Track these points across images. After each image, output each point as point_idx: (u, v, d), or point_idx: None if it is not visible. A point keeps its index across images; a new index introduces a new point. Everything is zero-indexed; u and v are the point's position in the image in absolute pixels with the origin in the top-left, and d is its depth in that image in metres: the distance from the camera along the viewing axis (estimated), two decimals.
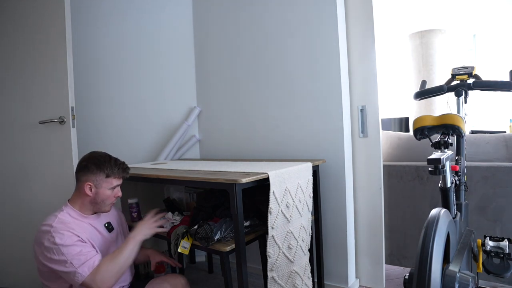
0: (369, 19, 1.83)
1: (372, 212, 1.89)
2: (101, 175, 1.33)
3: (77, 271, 1.16)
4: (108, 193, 1.35)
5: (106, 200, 1.35)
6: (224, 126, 2.36)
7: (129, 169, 1.43)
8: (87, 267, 1.17)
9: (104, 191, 1.34)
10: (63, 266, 1.16)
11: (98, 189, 1.32)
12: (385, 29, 5.48)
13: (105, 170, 1.33)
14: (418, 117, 1.39)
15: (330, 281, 1.91)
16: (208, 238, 1.41)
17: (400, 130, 4.49)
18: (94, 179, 1.32)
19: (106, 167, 1.34)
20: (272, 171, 1.39)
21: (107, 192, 1.34)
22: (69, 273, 1.16)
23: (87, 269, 1.17)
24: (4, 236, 1.98)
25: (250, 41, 2.18)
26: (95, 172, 1.32)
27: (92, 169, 1.32)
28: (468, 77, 1.60)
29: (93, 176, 1.32)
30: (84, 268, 1.17)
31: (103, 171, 1.33)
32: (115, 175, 1.36)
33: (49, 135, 1.87)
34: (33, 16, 1.89)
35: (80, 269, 1.16)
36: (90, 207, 1.35)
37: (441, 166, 1.18)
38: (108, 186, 1.34)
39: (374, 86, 1.85)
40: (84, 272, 1.16)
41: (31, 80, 1.91)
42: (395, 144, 2.31)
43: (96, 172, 1.32)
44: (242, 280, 1.31)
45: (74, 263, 1.16)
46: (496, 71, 5.13)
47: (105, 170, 1.33)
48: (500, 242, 1.36)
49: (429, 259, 0.98)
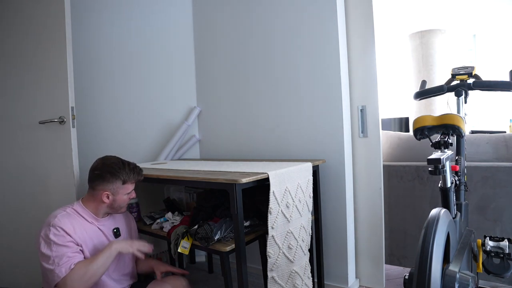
0: (369, 19, 1.83)
1: (372, 212, 1.89)
2: (118, 183, 1.33)
3: (55, 270, 1.17)
4: (125, 198, 1.37)
5: (122, 203, 1.37)
6: (224, 126, 2.36)
7: (142, 171, 1.44)
8: (65, 269, 1.18)
9: (121, 197, 1.35)
10: (47, 262, 1.18)
11: (115, 196, 1.34)
12: (385, 29, 5.48)
13: (121, 177, 1.34)
14: (418, 117, 1.39)
15: (330, 281, 1.91)
16: (208, 238, 1.41)
17: (400, 130, 4.49)
18: (111, 187, 1.33)
19: (122, 174, 1.34)
20: (272, 171, 1.39)
21: (124, 197, 1.36)
22: (49, 270, 1.17)
23: (64, 271, 1.18)
24: (4, 236, 1.98)
25: (250, 41, 2.18)
26: (111, 181, 1.32)
27: (108, 178, 1.32)
28: (468, 77, 1.60)
29: (110, 185, 1.32)
30: (62, 269, 1.17)
31: (120, 179, 1.34)
32: (131, 181, 1.37)
33: (49, 135, 1.87)
34: (33, 16, 1.89)
35: (57, 269, 1.17)
36: (105, 211, 1.37)
37: (441, 166, 1.18)
38: (125, 192, 1.36)
39: (374, 86, 1.85)
40: (60, 273, 1.17)
41: (31, 80, 1.91)
42: (395, 144, 2.31)
43: (113, 181, 1.33)
44: (242, 280, 1.31)
45: (55, 262, 1.17)
46: (496, 71, 5.13)
47: (121, 177, 1.34)
48: (500, 242, 1.36)
49: (429, 259, 0.98)
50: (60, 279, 1.16)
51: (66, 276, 1.17)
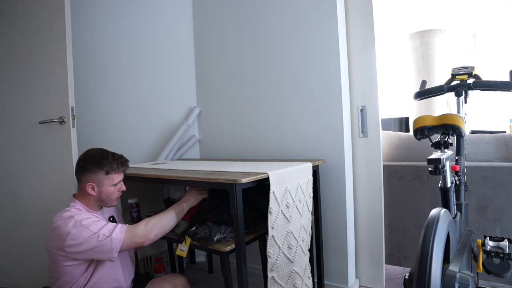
0: (369, 19, 1.83)
1: (372, 212, 1.89)
2: (101, 173, 1.32)
3: (112, 236, 1.18)
4: (112, 189, 1.35)
5: (111, 196, 1.35)
6: (224, 126, 2.36)
7: (128, 161, 1.42)
8: (119, 230, 1.20)
9: (107, 188, 1.33)
10: (96, 241, 1.17)
11: (100, 187, 1.32)
12: (385, 29, 5.48)
13: (104, 168, 1.32)
14: (418, 117, 1.39)
15: (330, 281, 1.91)
16: (207, 238, 1.40)
17: (400, 130, 4.48)
18: (95, 178, 1.31)
19: (105, 164, 1.32)
20: (272, 171, 1.39)
21: (110, 189, 1.34)
22: (103, 244, 1.17)
23: (119, 232, 1.20)
24: (4, 236, 1.98)
25: (250, 41, 2.18)
26: (94, 171, 1.31)
27: (91, 169, 1.31)
28: (468, 77, 1.60)
29: (94, 176, 1.31)
30: (117, 232, 1.20)
31: (103, 169, 1.32)
32: (115, 171, 1.35)
33: (49, 135, 1.87)
34: (33, 16, 1.89)
35: (114, 234, 1.19)
36: (97, 204, 1.36)
37: (441, 166, 1.18)
38: (110, 183, 1.34)
39: (374, 86, 1.85)
40: (117, 235, 1.19)
41: (31, 80, 1.91)
42: (395, 144, 2.31)
43: (96, 171, 1.31)
44: (242, 280, 1.31)
45: (105, 233, 1.18)
46: (496, 71, 5.12)
47: (104, 167, 1.32)
48: (500, 242, 1.36)
49: (429, 259, 0.98)
50: (122, 238, 1.19)
51: (132, 229, 1.23)
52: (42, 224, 1.32)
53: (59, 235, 1.19)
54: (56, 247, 1.20)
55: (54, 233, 1.21)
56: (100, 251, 1.18)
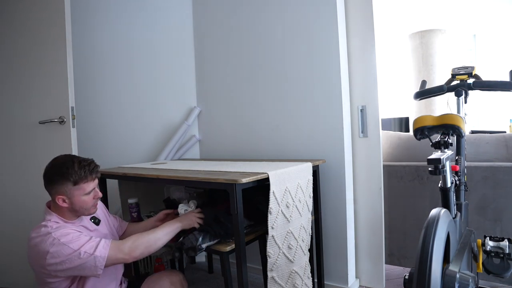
0: (369, 19, 1.83)
1: (372, 212, 1.89)
2: (69, 184, 1.19)
3: (95, 254, 1.12)
4: (84, 199, 1.22)
5: (85, 205, 1.23)
6: (224, 126, 2.36)
7: (98, 167, 1.28)
8: (102, 246, 1.14)
9: (79, 198, 1.21)
10: (77, 258, 1.10)
11: (71, 198, 1.20)
12: (385, 29, 5.48)
13: (70, 178, 1.19)
14: (418, 117, 1.39)
15: (330, 281, 1.91)
16: (194, 248, 1.35)
17: (400, 130, 4.48)
18: (64, 190, 1.19)
19: (71, 174, 1.19)
20: (272, 171, 1.39)
21: (83, 198, 1.22)
22: (86, 262, 1.11)
23: (103, 249, 1.13)
24: (4, 237, 1.98)
25: (250, 41, 2.18)
26: (61, 182, 1.19)
27: (57, 180, 1.19)
28: (468, 77, 1.60)
29: (62, 187, 1.19)
30: (100, 249, 1.13)
31: (69, 180, 1.19)
32: (83, 180, 1.21)
33: (49, 135, 1.87)
34: (33, 16, 1.89)
35: (97, 251, 1.12)
36: (73, 214, 1.26)
37: (441, 166, 1.18)
38: (82, 193, 1.21)
39: (374, 86, 1.85)
40: (101, 252, 1.12)
41: (31, 80, 1.91)
42: (395, 144, 2.31)
43: (63, 182, 1.19)
44: (242, 280, 1.31)
45: (87, 251, 1.11)
46: (496, 71, 5.12)
47: (71, 178, 1.19)
48: (500, 242, 1.37)
49: (429, 259, 0.98)
50: (106, 256, 1.12)
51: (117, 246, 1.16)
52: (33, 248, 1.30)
53: (38, 254, 1.11)
54: (37, 264, 1.14)
55: (33, 251, 1.14)
56: (84, 268, 1.12)
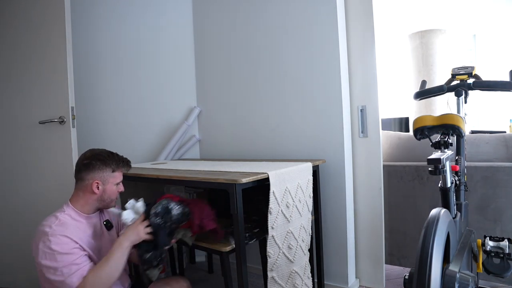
0: (369, 19, 1.83)
1: (372, 212, 1.89)
2: (108, 170, 1.31)
3: (66, 281, 1.12)
4: (114, 189, 1.34)
5: (112, 195, 1.34)
6: (224, 126, 2.36)
7: (130, 162, 1.43)
8: (76, 278, 1.13)
9: (111, 187, 1.32)
10: (53, 274, 1.13)
11: (105, 185, 1.31)
12: (385, 29, 5.48)
13: (111, 165, 1.32)
14: (418, 117, 1.39)
15: (330, 281, 1.91)
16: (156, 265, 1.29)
17: (400, 130, 4.48)
18: (101, 175, 1.30)
19: (112, 161, 1.32)
20: (272, 171, 1.39)
21: (113, 187, 1.33)
22: (57, 281, 1.13)
23: (76, 280, 1.13)
24: (4, 236, 1.99)
25: (250, 41, 2.18)
26: (101, 168, 1.30)
27: (98, 166, 1.30)
28: (468, 77, 1.60)
29: (100, 173, 1.30)
30: (73, 279, 1.13)
31: (110, 166, 1.31)
32: (120, 169, 1.35)
33: (49, 135, 1.87)
34: (34, 16, 1.89)
35: (69, 279, 1.12)
36: (95, 205, 1.33)
37: (441, 166, 1.18)
38: (115, 182, 1.33)
39: (374, 86, 1.85)
40: (72, 283, 1.12)
41: (31, 80, 1.91)
42: (395, 144, 2.31)
43: (103, 168, 1.30)
44: (242, 280, 1.31)
45: (64, 272, 1.12)
46: (496, 71, 5.13)
47: (111, 165, 1.32)
48: (500, 242, 1.37)
49: (429, 259, 0.98)
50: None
51: (81, 285, 1.13)
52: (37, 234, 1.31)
53: (36, 247, 1.17)
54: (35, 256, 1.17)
55: (34, 240, 1.19)
56: (52, 284, 1.14)
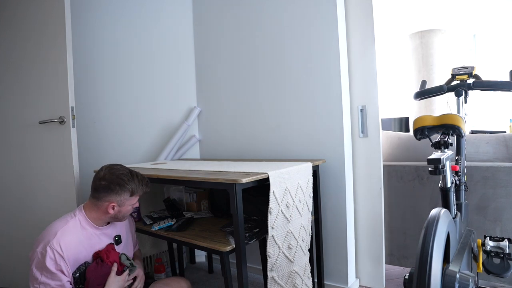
0: (369, 19, 1.83)
1: (372, 212, 1.89)
2: (126, 195, 1.29)
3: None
4: (130, 208, 1.34)
5: (126, 214, 1.35)
6: (224, 126, 2.36)
7: (149, 182, 1.41)
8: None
9: (127, 208, 1.32)
10: (33, 283, 1.13)
11: (121, 207, 1.30)
12: (385, 29, 5.48)
13: (130, 190, 1.30)
14: (418, 117, 1.39)
15: (330, 281, 1.91)
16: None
17: (400, 130, 4.48)
18: (119, 199, 1.28)
19: (131, 186, 1.30)
20: (272, 171, 1.39)
21: (129, 208, 1.34)
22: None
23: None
24: (4, 236, 1.99)
25: (250, 41, 2.18)
26: (119, 193, 1.28)
27: (116, 190, 1.27)
28: (468, 77, 1.61)
29: (118, 197, 1.28)
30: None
31: (128, 191, 1.29)
32: (139, 193, 1.34)
33: (49, 135, 1.87)
34: (33, 16, 1.89)
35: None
36: (107, 220, 1.34)
37: (441, 166, 1.18)
38: (131, 203, 1.33)
39: (374, 86, 1.85)
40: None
41: (31, 80, 1.91)
42: (395, 144, 2.31)
43: (121, 193, 1.28)
44: (242, 280, 1.31)
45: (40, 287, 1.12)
46: (496, 71, 5.12)
47: (130, 189, 1.30)
48: (500, 242, 1.37)
49: (429, 259, 0.98)
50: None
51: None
52: (42, 223, 1.31)
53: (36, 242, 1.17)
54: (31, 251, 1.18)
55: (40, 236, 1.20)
56: None
